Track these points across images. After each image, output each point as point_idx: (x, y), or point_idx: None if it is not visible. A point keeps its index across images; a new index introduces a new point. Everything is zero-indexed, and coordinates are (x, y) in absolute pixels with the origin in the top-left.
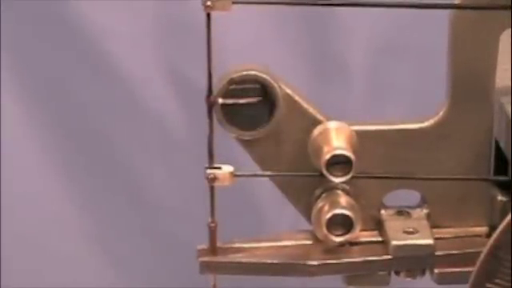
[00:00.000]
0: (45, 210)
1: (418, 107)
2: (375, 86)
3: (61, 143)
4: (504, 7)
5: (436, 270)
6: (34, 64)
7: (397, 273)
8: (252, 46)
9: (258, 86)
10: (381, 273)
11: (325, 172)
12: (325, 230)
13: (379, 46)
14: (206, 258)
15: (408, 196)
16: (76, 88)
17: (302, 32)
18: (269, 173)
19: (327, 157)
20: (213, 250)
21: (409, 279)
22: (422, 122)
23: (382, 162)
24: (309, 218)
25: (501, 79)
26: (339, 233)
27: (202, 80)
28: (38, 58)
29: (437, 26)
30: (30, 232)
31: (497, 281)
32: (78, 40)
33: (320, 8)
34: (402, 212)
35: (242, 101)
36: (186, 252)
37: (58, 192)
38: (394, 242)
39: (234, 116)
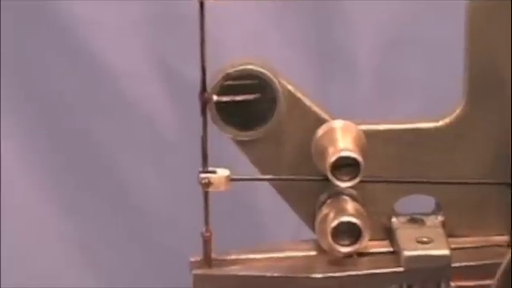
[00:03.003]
0: (22, 215)
1: (432, 105)
2: (384, 81)
3: (41, 143)
4: None
5: (452, 284)
6: (13, 58)
7: (409, 286)
8: (250, 38)
9: (256, 81)
10: (392, 286)
11: (330, 176)
12: (330, 240)
13: (388, 38)
14: (199, 271)
15: (421, 202)
16: (57, 84)
17: (304, 23)
18: (268, 176)
19: (332, 159)
20: (207, 261)
21: None
22: (437, 120)
23: (392, 165)
24: (312, 227)
25: None
26: (346, 243)
27: (195, 75)
28: (17, 53)
29: (452, 14)
30: (5, 239)
31: None
32: (58, 32)
33: None
34: (414, 219)
35: (238, 98)
36: (177, 264)
37: (37, 196)
38: (407, 253)
39: (230, 115)
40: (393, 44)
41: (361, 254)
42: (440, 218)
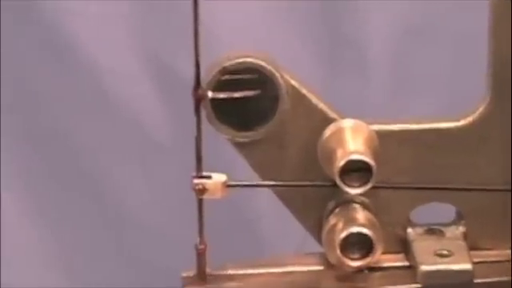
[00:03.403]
0: None
1: (453, 102)
2: (399, 76)
3: (17, 147)
4: None
5: None
6: None
7: None
8: (249, 29)
9: (256, 76)
10: None
11: (338, 181)
12: (338, 253)
13: (404, 27)
14: (192, 287)
15: (441, 211)
16: (35, 80)
17: (310, 12)
18: (270, 182)
19: (341, 163)
20: (201, 277)
21: None
22: (458, 120)
23: (408, 169)
24: (319, 238)
25: None
26: (356, 256)
27: (188, 70)
28: None
29: (474, 2)
30: None
31: None
32: (37, 23)
33: None
34: (433, 230)
35: (236, 94)
36: (168, 279)
37: (13, 207)
38: (424, 268)
39: (227, 113)
40: (409, 34)
41: (373, 269)
42: (461, 229)
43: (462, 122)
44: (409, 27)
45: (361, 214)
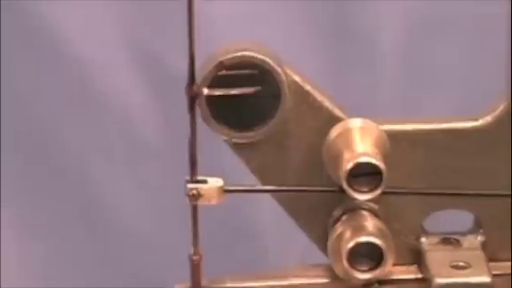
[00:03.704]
0: None
1: (470, 100)
2: (412, 72)
3: None
4: None
5: None
6: None
7: None
8: (248, 19)
9: (255, 71)
10: None
11: (345, 186)
12: (346, 264)
13: (418, 17)
14: None
15: (457, 218)
16: (12, 74)
17: (314, 0)
18: (270, 188)
19: (349, 166)
20: None
21: None
22: (476, 119)
23: (422, 174)
24: (324, 248)
25: None
26: (365, 268)
27: (181, 64)
28: None
29: None
30: None
31: None
32: (10, 11)
33: None
34: (448, 240)
35: (234, 91)
36: None
37: None
38: (439, 280)
39: (224, 112)
40: (423, 25)
41: (383, 282)
42: (479, 238)
43: (480, 122)
44: (422, 18)
45: (370, 222)
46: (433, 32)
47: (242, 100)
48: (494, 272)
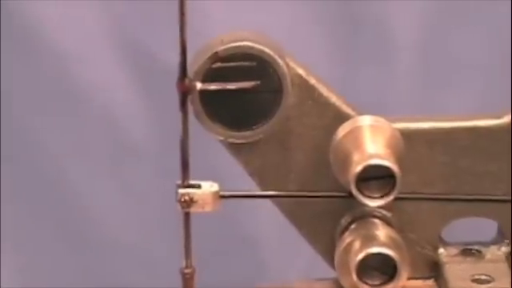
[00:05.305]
0: None
1: (492, 96)
2: (429, 66)
3: None
4: None
5: None
6: None
7: None
8: (245, 7)
9: (254, 64)
10: None
11: (355, 191)
12: (355, 278)
13: (435, 6)
14: None
15: (479, 227)
16: None
17: None
18: (271, 193)
19: (358, 169)
20: None
21: None
22: (499, 117)
23: (440, 177)
24: (331, 260)
25: None
26: (376, 282)
27: (172, 56)
28: None
29: None
30: None
31: None
32: None
33: None
34: (469, 251)
35: (230, 86)
36: None
37: None
38: None
39: (219, 109)
40: (441, 15)
41: None
42: (504, 249)
43: (503, 120)
44: (440, 7)
45: (382, 231)
46: (451, 23)
47: (240, 95)
48: None
